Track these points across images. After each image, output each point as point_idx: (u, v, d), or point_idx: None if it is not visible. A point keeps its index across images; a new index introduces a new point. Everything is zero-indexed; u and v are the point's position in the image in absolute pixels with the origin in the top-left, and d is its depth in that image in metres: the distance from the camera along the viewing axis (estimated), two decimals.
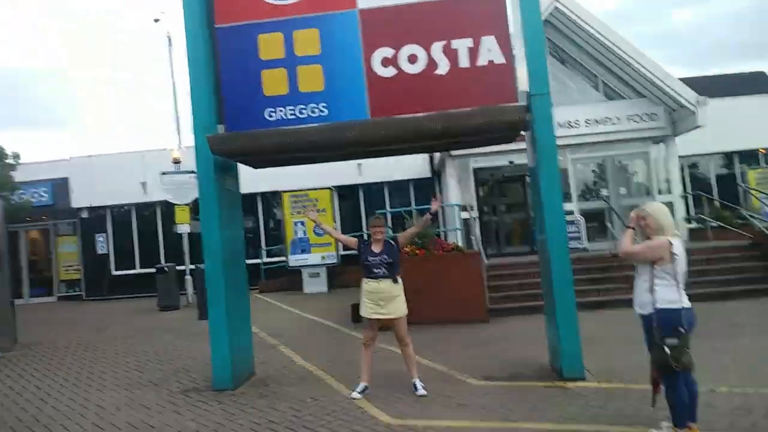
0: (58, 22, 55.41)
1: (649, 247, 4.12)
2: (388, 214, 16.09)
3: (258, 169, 7.58)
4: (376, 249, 5.62)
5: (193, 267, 14.86)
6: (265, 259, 18.49)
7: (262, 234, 19.30)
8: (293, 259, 16.28)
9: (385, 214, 15.36)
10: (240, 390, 6.10)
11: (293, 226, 16.35)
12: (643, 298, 4.12)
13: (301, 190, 16.45)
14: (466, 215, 13.35)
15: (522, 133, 6.23)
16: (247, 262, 7.39)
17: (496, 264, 11.60)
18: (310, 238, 16.17)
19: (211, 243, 6.23)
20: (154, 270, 15.25)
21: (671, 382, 3.96)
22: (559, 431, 4.33)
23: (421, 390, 5.48)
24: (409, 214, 12.79)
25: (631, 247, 4.21)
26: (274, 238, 18.85)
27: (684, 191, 16.03)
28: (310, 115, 6.10)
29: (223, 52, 6.27)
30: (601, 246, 13.55)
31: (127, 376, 7.18)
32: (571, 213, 14.14)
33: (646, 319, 4.13)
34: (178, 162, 15.15)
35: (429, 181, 18.68)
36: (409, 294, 5.74)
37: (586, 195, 15.43)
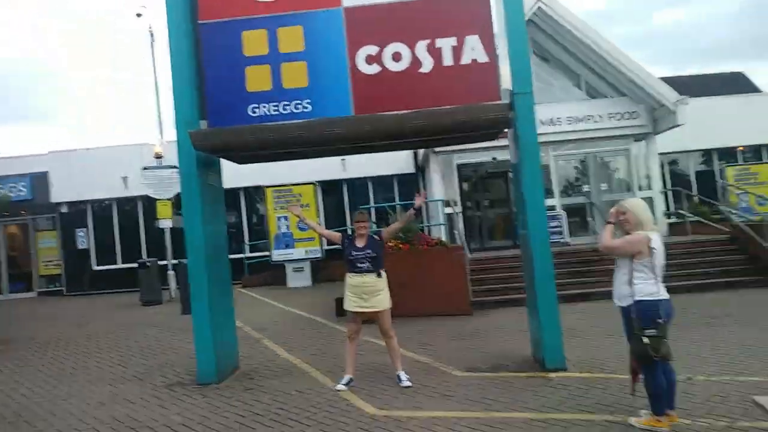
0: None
1: (629, 242, 4.21)
2: (372, 210, 16.12)
3: (241, 164, 7.56)
4: (360, 244, 5.66)
5: (175, 262, 14.77)
6: (249, 254, 18.44)
7: (245, 229, 19.23)
8: (277, 254, 16.26)
9: (369, 210, 15.41)
10: (224, 384, 6.11)
11: (276, 221, 16.32)
12: (623, 291, 4.22)
13: (285, 185, 16.41)
14: (449, 210, 13.45)
15: (505, 130, 6.30)
16: (230, 257, 7.37)
17: (480, 258, 11.72)
18: (293, 233, 16.15)
19: (194, 238, 6.21)
20: (135, 265, 15.12)
21: (650, 372, 4.07)
22: (542, 420, 4.41)
23: (405, 382, 5.54)
24: (393, 209, 12.83)
25: (611, 242, 4.31)
26: (258, 232, 18.78)
27: (664, 187, 16.30)
28: (293, 112, 6.09)
29: (206, 48, 6.23)
30: (582, 240, 13.76)
31: (110, 371, 7.14)
32: (553, 208, 14.33)
33: (625, 311, 4.22)
34: (160, 157, 15.03)
35: (413, 177, 18.75)
36: (393, 288, 5.79)
37: (569, 191, 15.63)
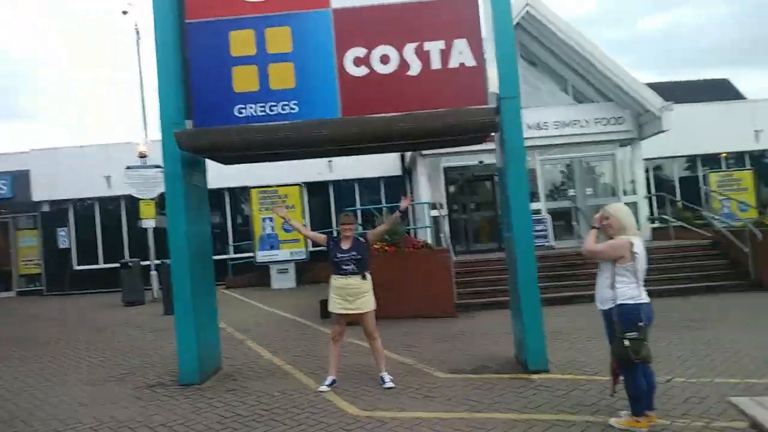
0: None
1: (612, 246, 4.25)
2: (359, 212, 16.12)
3: (227, 165, 7.52)
4: (346, 246, 5.64)
5: (158, 262, 14.64)
6: (233, 255, 18.33)
7: (229, 230, 19.13)
8: (261, 255, 16.17)
9: (355, 212, 15.39)
10: (207, 384, 6.06)
11: (261, 222, 16.24)
12: (605, 294, 4.26)
13: (270, 186, 16.33)
14: (435, 213, 13.48)
15: (492, 134, 6.33)
16: (214, 257, 7.33)
17: (465, 261, 11.75)
18: (278, 234, 16.07)
19: (178, 239, 6.15)
20: (117, 265, 14.98)
21: (630, 374, 4.10)
22: (523, 421, 4.43)
23: (388, 383, 5.53)
24: (379, 211, 12.83)
25: (594, 246, 4.35)
26: (242, 233, 18.67)
27: (648, 192, 16.48)
28: (280, 113, 6.06)
29: (193, 48, 6.18)
30: (567, 244, 13.87)
31: (90, 371, 7.05)
32: (538, 212, 14.43)
33: (607, 314, 4.26)
34: (144, 156, 14.91)
35: (400, 179, 18.78)
36: (378, 290, 5.78)
37: (554, 195, 15.74)
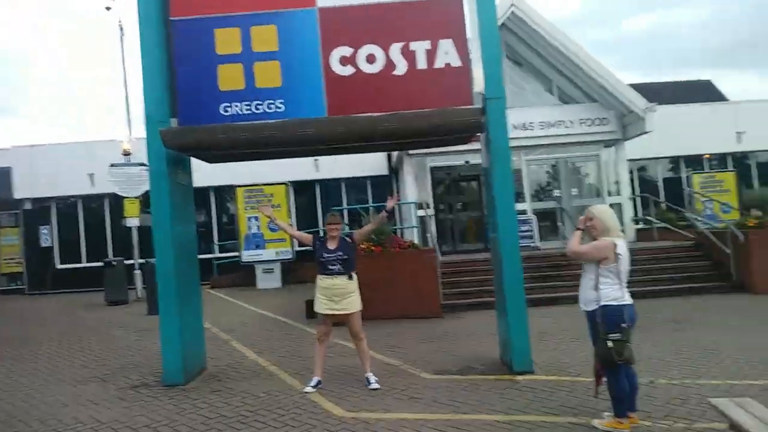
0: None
1: (595, 248, 4.29)
2: (345, 211, 16.10)
3: (212, 163, 7.47)
4: (332, 246, 5.63)
5: (142, 261, 14.51)
6: (218, 254, 18.22)
7: (214, 229, 19.01)
8: (246, 255, 16.09)
9: (341, 211, 15.37)
10: (191, 385, 6.01)
11: (247, 221, 16.16)
12: (588, 296, 4.29)
13: (256, 185, 16.25)
14: (422, 213, 13.50)
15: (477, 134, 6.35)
16: (199, 257, 7.27)
17: (451, 261, 11.78)
18: (264, 233, 16.00)
19: (163, 238, 6.10)
20: (101, 264, 14.82)
21: (613, 375, 4.14)
22: (507, 422, 4.45)
23: (374, 384, 5.53)
24: (365, 211, 12.84)
25: (578, 247, 4.38)
26: (227, 232, 18.57)
27: (632, 193, 16.63)
28: (266, 111, 6.03)
29: (178, 46, 6.13)
30: (552, 245, 13.95)
31: (73, 371, 6.96)
32: (524, 212, 14.51)
33: (590, 315, 4.29)
34: (128, 154, 14.75)
35: (386, 179, 18.78)
36: (364, 290, 5.77)
37: (540, 195, 15.83)
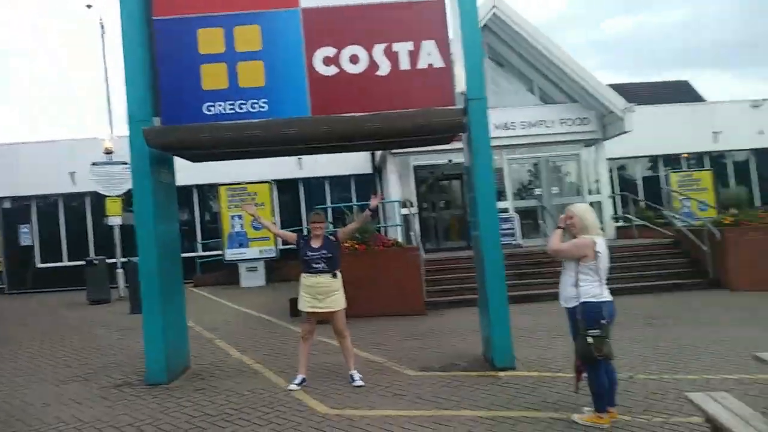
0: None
1: (575, 246, 4.38)
2: (329, 209, 16.11)
3: (195, 162, 7.45)
4: (316, 244, 5.66)
5: (124, 260, 14.39)
6: (201, 253, 18.12)
7: (197, 227, 18.90)
8: (230, 253, 16.03)
9: (325, 209, 15.37)
10: (174, 384, 6.01)
11: (230, 219, 16.10)
12: (569, 293, 4.37)
13: (239, 184, 16.20)
14: (405, 211, 13.57)
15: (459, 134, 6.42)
16: (182, 255, 7.26)
17: (434, 259, 11.85)
18: (247, 232, 15.96)
19: (146, 236, 6.09)
20: (83, 263, 14.67)
21: (593, 370, 4.23)
22: (490, 417, 4.53)
23: (358, 381, 5.58)
24: (349, 209, 12.85)
25: (559, 246, 4.47)
26: (211, 231, 18.48)
27: (612, 192, 16.87)
28: (249, 111, 6.05)
29: (161, 45, 6.12)
30: (534, 242, 14.10)
31: (55, 371, 6.91)
32: (506, 210, 14.65)
33: (571, 312, 4.38)
34: (110, 152, 14.62)
35: (370, 177, 18.81)
36: (349, 288, 5.82)
37: (521, 193, 15.99)
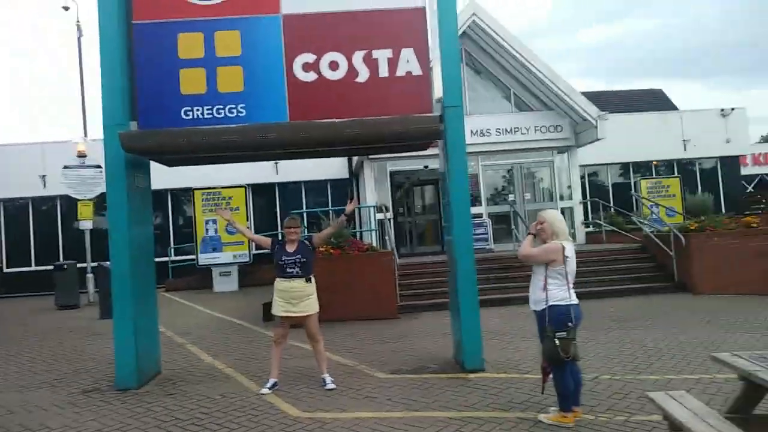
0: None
1: (544, 251, 4.49)
2: (304, 214, 16.10)
3: (171, 167, 7.41)
4: (291, 249, 5.68)
5: (95, 264, 14.16)
6: (173, 258, 17.93)
7: (170, 231, 18.70)
8: (203, 258, 15.92)
9: (301, 214, 15.37)
10: (144, 389, 5.95)
11: (204, 224, 15.99)
12: (538, 296, 4.48)
13: (214, 188, 16.11)
14: (381, 216, 13.64)
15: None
16: (155, 260, 7.20)
17: (408, 263, 11.95)
18: (221, 236, 15.88)
19: (120, 241, 6.04)
20: (51, 267, 14.39)
21: (559, 372, 4.33)
22: (459, 418, 4.59)
23: (330, 384, 5.60)
24: (325, 214, 12.89)
25: (529, 251, 4.58)
26: (183, 235, 18.30)
27: (583, 198, 17.17)
28: (227, 116, 6.06)
29: (140, 49, 6.10)
30: (505, 247, 14.28)
31: (20, 378, 6.78)
32: (479, 216, 14.81)
33: (539, 315, 4.48)
34: (83, 156, 14.39)
35: (347, 182, 18.84)
36: (323, 293, 5.85)
37: (495, 199, 16.18)
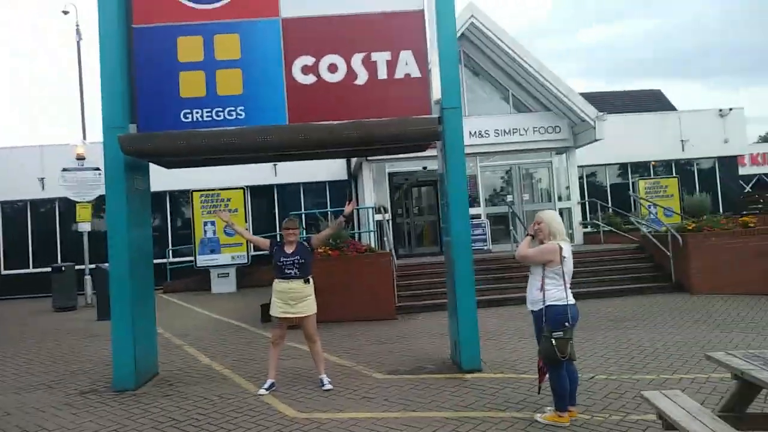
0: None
1: (541, 251, 4.50)
2: (303, 216, 16.11)
3: (170, 169, 7.42)
4: (289, 250, 5.69)
5: (93, 266, 14.15)
6: (172, 259, 17.93)
7: (169, 233, 18.70)
8: (201, 259, 15.93)
9: (300, 216, 15.37)
10: (142, 390, 5.95)
11: (203, 225, 15.99)
12: (535, 296, 4.49)
13: (213, 190, 16.12)
14: (379, 217, 13.65)
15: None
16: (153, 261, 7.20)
17: (406, 264, 11.94)
18: (220, 238, 15.89)
19: (119, 243, 6.05)
20: (49, 269, 14.38)
21: (556, 371, 4.34)
22: (456, 418, 4.59)
23: (327, 385, 5.61)
24: (324, 215, 12.89)
25: (526, 251, 4.59)
26: (182, 237, 18.29)
27: (581, 198, 17.18)
28: (227, 118, 6.07)
29: (139, 53, 6.12)
30: (503, 248, 14.29)
31: (17, 379, 6.78)
32: (478, 216, 14.82)
33: (536, 315, 4.49)
34: (82, 158, 14.39)
35: (345, 183, 18.85)
36: (322, 294, 5.86)
37: (493, 200, 16.20)
